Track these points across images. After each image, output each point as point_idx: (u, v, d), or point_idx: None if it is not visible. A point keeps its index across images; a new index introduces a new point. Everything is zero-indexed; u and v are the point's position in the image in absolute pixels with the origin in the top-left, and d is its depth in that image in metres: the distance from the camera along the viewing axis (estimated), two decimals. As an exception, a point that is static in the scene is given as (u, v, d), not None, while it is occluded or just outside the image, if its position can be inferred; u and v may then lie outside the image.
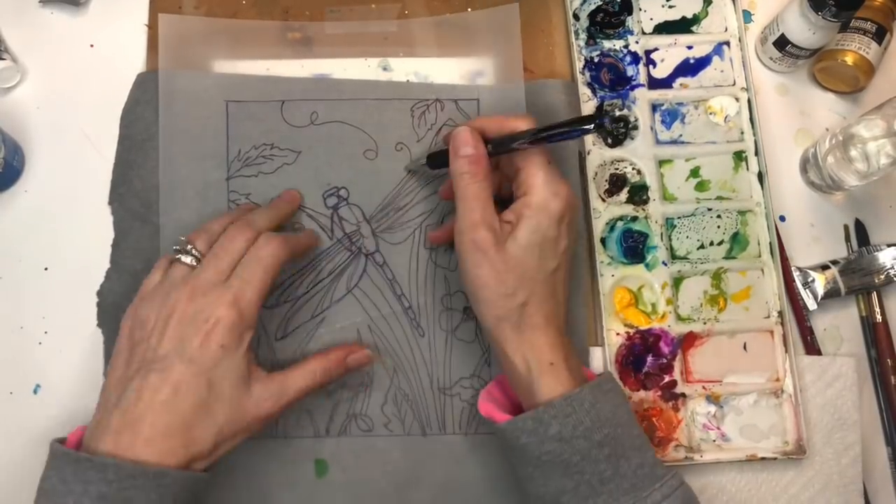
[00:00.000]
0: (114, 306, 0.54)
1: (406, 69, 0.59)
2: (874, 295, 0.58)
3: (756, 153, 0.59)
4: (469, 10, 0.59)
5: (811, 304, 0.57)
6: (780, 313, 0.57)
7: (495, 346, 0.47)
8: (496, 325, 0.46)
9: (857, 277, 0.57)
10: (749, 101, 0.60)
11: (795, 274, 0.58)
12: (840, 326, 0.58)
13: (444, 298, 0.55)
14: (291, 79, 0.58)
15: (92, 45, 0.59)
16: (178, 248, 0.48)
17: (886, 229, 0.60)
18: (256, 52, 0.58)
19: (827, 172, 0.58)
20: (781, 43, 0.58)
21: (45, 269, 0.55)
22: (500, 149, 0.47)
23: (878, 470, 0.57)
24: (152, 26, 0.58)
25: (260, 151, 0.56)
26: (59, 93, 0.57)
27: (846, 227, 0.60)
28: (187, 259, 0.47)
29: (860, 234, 0.60)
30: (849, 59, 0.58)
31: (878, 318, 0.58)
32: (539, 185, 0.46)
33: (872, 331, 0.58)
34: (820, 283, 0.57)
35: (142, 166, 0.55)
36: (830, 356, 0.57)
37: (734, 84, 0.60)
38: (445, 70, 0.59)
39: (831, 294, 0.57)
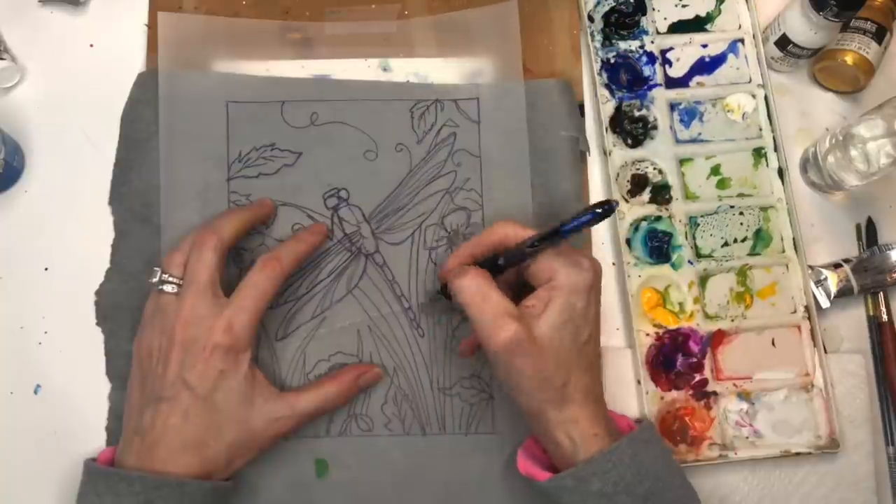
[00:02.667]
0: (113, 306, 0.54)
1: (406, 70, 0.59)
2: (881, 294, 0.58)
3: (775, 149, 0.59)
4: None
5: (824, 303, 0.57)
6: (807, 308, 0.57)
7: (536, 425, 0.46)
8: (538, 407, 0.45)
9: (868, 276, 0.57)
10: (766, 98, 0.60)
11: (808, 272, 0.58)
12: (849, 326, 0.58)
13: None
14: (292, 79, 0.58)
15: (92, 45, 0.59)
16: (154, 280, 0.48)
17: (887, 229, 0.60)
18: (256, 53, 0.58)
19: (827, 172, 0.58)
20: (783, 43, 0.58)
21: (45, 269, 0.55)
22: (511, 260, 0.47)
23: (880, 470, 0.56)
24: (152, 26, 0.58)
25: (260, 153, 0.56)
26: (59, 93, 0.57)
27: (858, 227, 0.60)
28: (169, 288, 0.48)
29: (870, 233, 0.60)
30: (849, 59, 0.58)
31: (885, 317, 0.58)
32: (560, 267, 0.45)
33: (878, 330, 0.58)
34: (832, 281, 0.57)
35: (142, 166, 0.55)
36: (840, 354, 0.57)
37: (750, 81, 0.60)
38: (445, 70, 0.59)
39: (844, 293, 0.57)
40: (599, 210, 0.42)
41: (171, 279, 0.48)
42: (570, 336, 0.45)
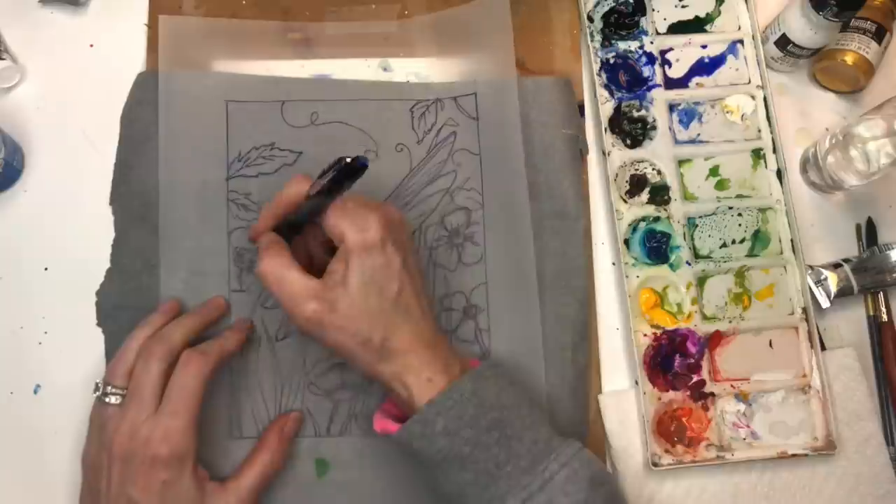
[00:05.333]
0: (113, 307, 0.54)
1: (406, 69, 0.59)
2: (881, 294, 0.58)
3: (774, 150, 0.59)
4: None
5: (824, 303, 0.57)
6: (805, 309, 0.57)
7: (377, 381, 0.47)
8: (368, 367, 0.46)
9: (868, 276, 0.57)
10: (765, 99, 0.60)
11: (808, 272, 0.58)
12: (849, 326, 0.58)
13: (443, 298, 0.55)
14: (291, 79, 0.58)
15: (92, 45, 0.59)
16: (98, 392, 0.48)
17: (887, 229, 0.60)
18: (256, 53, 0.58)
19: (827, 172, 0.58)
20: (783, 43, 0.58)
21: (45, 269, 0.55)
22: (297, 220, 0.48)
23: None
24: (152, 26, 0.58)
25: (260, 152, 0.56)
26: (59, 93, 0.57)
27: (858, 227, 0.60)
28: (112, 399, 0.47)
29: (870, 233, 0.60)
30: (849, 59, 0.58)
31: (885, 317, 0.58)
32: (345, 228, 0.45)
33: (878, 330, 0.58)
34: (832, 281, 0.57)
35: (142, 166, 0.55)
36: (832, 350, 0.57)
37: (749, 82, 0.60)
38: (445, 70, 0.59)
39: (844, 292, 0.57)
40: (347, 160, 0.42)
41: (114, 391, 0.47)
42: (376, 295, 0.45)
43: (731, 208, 0.58)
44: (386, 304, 0.45)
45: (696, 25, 0.62)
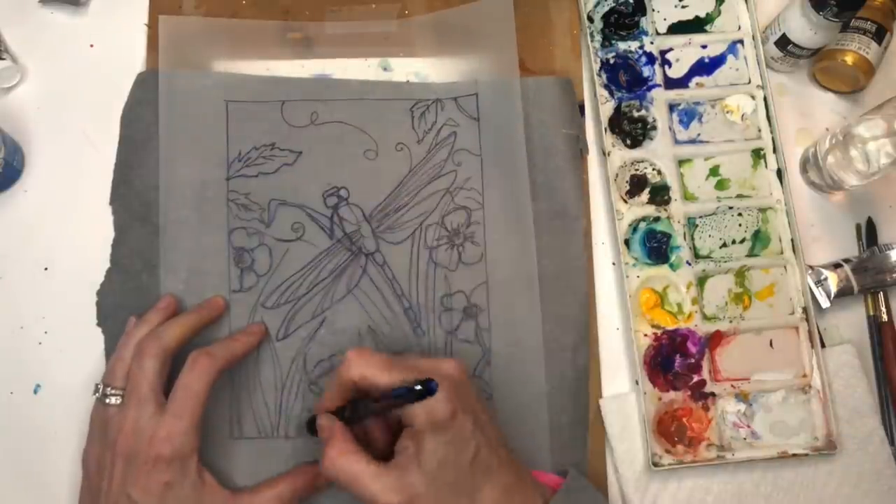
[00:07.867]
0: (114, 306, 0.54)
1: (406, 69, 0.59)
2: (881, 294, 0.58)
3: (774, 150, 0.59)
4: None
5: (824, 303, 0.57)
6: (805, 309, 0.57)
7: None
8: None
9: (868, 276, 0.57)
10: (765, 99, 0.60)
11: (808, 272, 0.58)
12: (849, 326, 0.58)
13: (444, 298, 0.55)
14: (291, 79, 0.58)
15: (92, 45, 0.59)
16: (98, 394, 0.48)
17: (887, 229, 0.60)
18: (256, 52, 0.58)
19: (827, 172, 0.58)
20: (783, 43, 0.58)
21: (45, 269, 0.55)
22: (354, 417, 0.46)
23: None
24: (152, 26, 0.58)
25: (260, 152, 0.56)
26: (59, 93, 0.57)
27: (858, 227, 0.60)
28: (112, 400, 0.47)
29: (870, 233, 0.60)
30: (849, 59, 0.58)
31: (885, 317, 0.58)
32: (414, 409, 0.43)
33: (878, 330, 0.58)
34: (832, 281, 0.57)
35: (142, 166, 0.55)
36: (830, 347, 0.57)
37: (749, 82, 0.60)
38: (445, 70, 0.59)
39: (844, 292, 0.57)
40: (419, 388, 0.42)
41: (113, 391, 0.47)
42: (452, 467, 0.43)
43: (731, 208, 0.58)
44: (463, 472, 0.43)
45: (696, 25, 0.62)
